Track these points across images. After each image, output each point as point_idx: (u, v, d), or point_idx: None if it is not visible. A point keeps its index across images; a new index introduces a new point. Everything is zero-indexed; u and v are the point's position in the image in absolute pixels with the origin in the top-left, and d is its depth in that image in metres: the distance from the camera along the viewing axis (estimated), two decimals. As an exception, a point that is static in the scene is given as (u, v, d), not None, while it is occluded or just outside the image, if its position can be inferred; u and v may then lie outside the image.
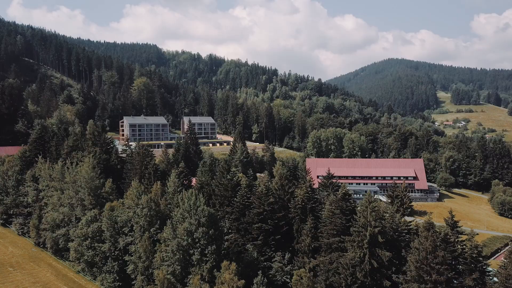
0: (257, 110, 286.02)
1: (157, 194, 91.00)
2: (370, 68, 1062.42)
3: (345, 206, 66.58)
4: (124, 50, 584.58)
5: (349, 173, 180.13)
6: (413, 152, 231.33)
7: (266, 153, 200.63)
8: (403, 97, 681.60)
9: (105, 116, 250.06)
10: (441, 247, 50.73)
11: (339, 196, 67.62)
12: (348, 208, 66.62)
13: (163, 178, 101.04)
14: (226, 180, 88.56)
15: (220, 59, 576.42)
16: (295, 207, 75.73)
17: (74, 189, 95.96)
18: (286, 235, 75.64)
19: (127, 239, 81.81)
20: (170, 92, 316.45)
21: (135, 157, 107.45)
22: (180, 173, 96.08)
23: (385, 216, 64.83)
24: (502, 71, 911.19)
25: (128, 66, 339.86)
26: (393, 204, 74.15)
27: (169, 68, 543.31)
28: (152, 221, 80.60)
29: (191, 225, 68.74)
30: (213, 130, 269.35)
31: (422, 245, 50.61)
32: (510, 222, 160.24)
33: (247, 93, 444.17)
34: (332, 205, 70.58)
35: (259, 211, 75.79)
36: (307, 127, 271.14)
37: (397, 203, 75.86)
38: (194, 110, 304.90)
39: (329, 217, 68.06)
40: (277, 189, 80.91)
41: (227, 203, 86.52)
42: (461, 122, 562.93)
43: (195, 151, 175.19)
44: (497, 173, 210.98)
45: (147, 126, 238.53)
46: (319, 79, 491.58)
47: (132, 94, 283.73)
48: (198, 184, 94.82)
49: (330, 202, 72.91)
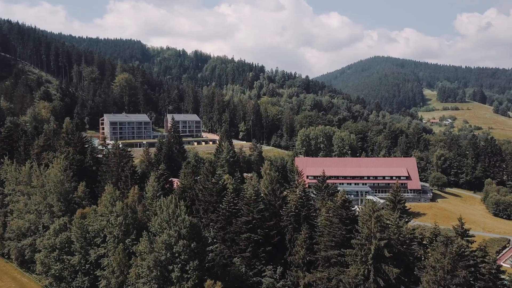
0: (244, 108, 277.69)
1: (134, 199, 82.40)
2: (356, 65, 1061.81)
3: (345, 214, 58.92)
4: (107, 46, 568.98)
5: (340, 172, 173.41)
6: (404, 150, 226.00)
7: (254, 152, 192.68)
8: (390, 95, 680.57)
9: (84, 113, 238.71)
10: (461, 265, 43.34)
11: (338, 203, 59.90)
12: (348, 217, 58.99)
13: (143, 181, 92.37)
14: (210, 184, 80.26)
15: (206, 55, 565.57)
16: (288, 215, 67.92)
17: (42, 194, 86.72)
18: (277, 246, 67.81)
19: (99, 251, 73.19)
20: (154, 88, 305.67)
21: (111, 158, 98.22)
22: (160, 176, 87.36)
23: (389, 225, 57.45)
24: (486, 69, 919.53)
25: (110, 62, 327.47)
26: (395, 210, 66.57)
27: (153, 65, 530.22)
28: (127, 231, 72.11)
29: (170, 238, 60.39)
30: (198, 128, 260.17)
31: (439, 262, 43.17)
32: (505, 223, 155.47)
33: (234, 90, 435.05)
34: (330, 213, 62.91)
35: (247, 220, 67.76)
36: (295, 125, 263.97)
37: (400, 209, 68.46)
38: (178, 108, 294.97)
39: (326, 227, 60.37)
40: (267, 194, 72.98)
41: (212, 209, 78.32)
42: (448, 120, 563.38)
43: (179, 150, 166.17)
44: (488, 172, 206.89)
45: (128, 124, 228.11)
46: (306, 76, 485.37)
47: (114, 90, 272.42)
48: (180, 188, 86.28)
49: (327, 209, 65.25)
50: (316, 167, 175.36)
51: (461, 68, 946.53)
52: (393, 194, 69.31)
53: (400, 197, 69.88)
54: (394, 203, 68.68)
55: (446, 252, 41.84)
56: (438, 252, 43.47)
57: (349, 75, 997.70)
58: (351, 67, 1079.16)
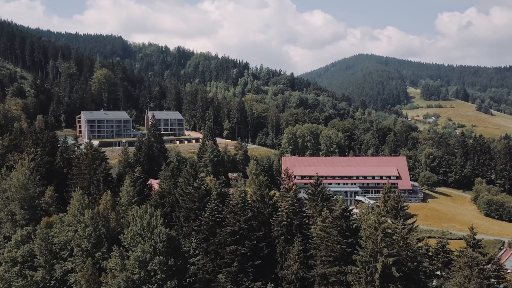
0: (228, 105, 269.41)
1: (106, 207, 74.11)
2: (340, 63, 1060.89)
3: (345, 225, 51.84)
4: (87, 41, 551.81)
5: (328, 172, 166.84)
6: (392, 148, 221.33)
7: (239, 151, 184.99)
8: (374, 93, 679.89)
9: (60, 110, 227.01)
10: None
11: (337, 213, 52.77)
12: (348, 228, 51.94)
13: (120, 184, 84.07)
14: (192, 188, 72.45)
15: (189, 52, 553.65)
16: (279, 224, 60.61)
17: (3, 200, 77.71)
18: (267, 260, 60.46)
19: (66, 265, 64.72)
20: (135, 85, 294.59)
21: (82, 160, 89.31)
22: (136, 180, 79.06)
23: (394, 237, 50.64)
24: (468, 67, 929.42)
25: (89, 57, 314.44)
26: (397, 218, 59.87)
27: (135, 61, 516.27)
28: (98, 243, 63.96)
29: (145, 253, 52.42)
30: (180, 126, 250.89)
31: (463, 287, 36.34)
32: (497, 223, 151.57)
33: (218, 87, 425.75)
34: (327, 223, 55.81)
35: (233, 230, 60.21)
36: (281, 123, 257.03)
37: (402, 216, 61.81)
38: (160, 105, 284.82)
39: (323, 239, 53.22)
40: (255, 201, 65.51)
41: (194, 217, 70.58)
42: (432, 118, 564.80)
43: (160, 149, 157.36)
44: (477, 170, 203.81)
45: (107, 122, 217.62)
46: (291, 74, 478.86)
47: (92, 87, 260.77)
48: (158, 193, 78.17)
49: (323, 219, 58.14)
50: (304, 167, 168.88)
51: (444, 66, 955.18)
52: (395, 200, 62.58)
53: (402, 203, 63.21)
54: (396, 209, 61.89)
55: (472, 276, 35.15)
56: (461, 275, 36.74)
57: (333, 72, 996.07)
58: (335, 64, 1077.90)
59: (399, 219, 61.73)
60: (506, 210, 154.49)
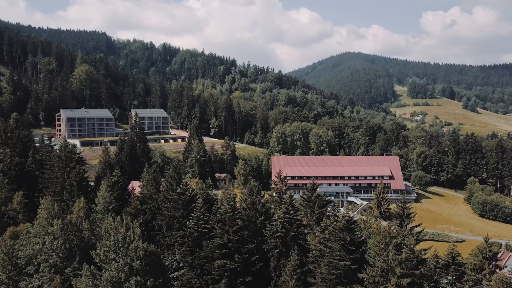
0: (215, 103, 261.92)
1: (79, 215, 66.81)
2: (327, 61, 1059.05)
3: (349, 239, 45.56)
4: (69, 37, 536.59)
5: (319, 172, 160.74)
6: (383, 147, 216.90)
7: (227, 151, 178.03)
8: (361, 90, 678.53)
9: (39, 108, 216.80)
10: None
11: (340, 224, 46.44)
12: (353, 242, 45.69)
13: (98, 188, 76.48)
14: (175, 194, 65.49)
15: (175, 48, 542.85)
16: (273, 235, 54.09)
17: (-35, 208, 69.79)
18: (260, 276, 53.95)
19: (32, 283, 57.50)
20: (118, 82, 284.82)
21: (55, 162, 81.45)
22: (113, 184, 71.69)
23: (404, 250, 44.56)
24: (454, 65, 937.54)
25: (70, 53, 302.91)
26: (402, 226, 53.87)
27: (119, 58, 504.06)
28: (69, 257, 56.91)
29: (119, 273, 45.46)
30: (165, 124, 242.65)
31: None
32: (493, 224, 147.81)
33: (204, 84, 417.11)
34: (327, 234, 49.51)
35: (221, 242, 53.48)
36: (269, 121, 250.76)
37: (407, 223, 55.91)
38: (144, 102, 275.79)
39: (325, 255, 46.88)
40: (246, 209, 58.91)
41: (178, 226, 63.69)
42: (419, 116, 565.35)
43: (143, 149, 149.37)
44: (469, 169, 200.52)
45: (88, 120, 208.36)
46: (279, 71, 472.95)
47: (73, 83, 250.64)
48: (138, 199, 70.96)
49: (322, 229, 51.79)
50: (294, 167, 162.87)
51: (430, 64, 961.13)
52: (400, 207, 56.63)
53: (409, 209, 57.32)
54: (401, 217, 55.94)
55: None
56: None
57: (320, 70, 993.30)
58: (322, 62, 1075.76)
59: (405, 228, 55.79)
60: (501, 211, 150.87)
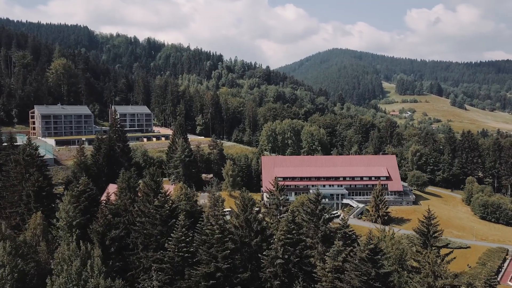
0: (201, 99, 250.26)
1: (35, 233, 55.42)
2: (315, 57, 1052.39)
3: (374, 273, 35.26)
4: (49, 31, 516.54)
5: (312, 173, 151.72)
6: (377, 145, 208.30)
7: (214, 150, 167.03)
8: (350, 87, 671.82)
9: (12, 104, 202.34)
10: None
11: (363, 255, 36.09)
12: (379, 277, 35.43)
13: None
14: (153, 207, 54.46)
15: (160, 43, 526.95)
16: (272, 262, 43.59)
17: None
18: (257, 313, 43.56)
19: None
20: (99, 77, 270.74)
21: (12, 166, 69.52)
22: (79, 195, 60.25)
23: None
24: (441, 62, 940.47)
25: (47, 46, 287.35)
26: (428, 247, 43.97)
27: (102, 53, 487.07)
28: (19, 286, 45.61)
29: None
30: (148, 122, 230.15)
31: None
32: (496, 227, 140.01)
33: (190, 80, 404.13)
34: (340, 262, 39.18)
35: (207, 271, 42.78)
36: (258, 118, 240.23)
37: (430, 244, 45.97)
38: (127, 99, 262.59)
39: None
40: (238, 227, 48.27)
41: (155, 245, 52.76)
42: (407, 112, 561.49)
43: (122, 149, 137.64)
44: (466, 168, 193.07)
45: (65, 117, 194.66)
46: (267, 67, 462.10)
47: (49, 78, 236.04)
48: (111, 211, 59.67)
49: (333, 254, 41.41)
50: (286, 167, 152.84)
51: (417, 61, 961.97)
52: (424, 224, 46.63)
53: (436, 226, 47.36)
54: (426, 236, 45.95)
55: None
56: None
57: (307, 67, 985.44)
58: (309, 59, 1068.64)
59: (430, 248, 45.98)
60: (503, 213, 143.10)
